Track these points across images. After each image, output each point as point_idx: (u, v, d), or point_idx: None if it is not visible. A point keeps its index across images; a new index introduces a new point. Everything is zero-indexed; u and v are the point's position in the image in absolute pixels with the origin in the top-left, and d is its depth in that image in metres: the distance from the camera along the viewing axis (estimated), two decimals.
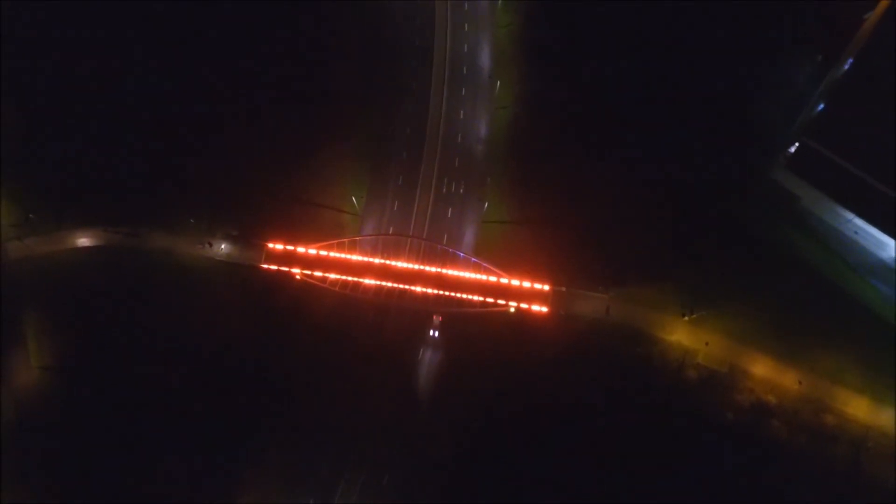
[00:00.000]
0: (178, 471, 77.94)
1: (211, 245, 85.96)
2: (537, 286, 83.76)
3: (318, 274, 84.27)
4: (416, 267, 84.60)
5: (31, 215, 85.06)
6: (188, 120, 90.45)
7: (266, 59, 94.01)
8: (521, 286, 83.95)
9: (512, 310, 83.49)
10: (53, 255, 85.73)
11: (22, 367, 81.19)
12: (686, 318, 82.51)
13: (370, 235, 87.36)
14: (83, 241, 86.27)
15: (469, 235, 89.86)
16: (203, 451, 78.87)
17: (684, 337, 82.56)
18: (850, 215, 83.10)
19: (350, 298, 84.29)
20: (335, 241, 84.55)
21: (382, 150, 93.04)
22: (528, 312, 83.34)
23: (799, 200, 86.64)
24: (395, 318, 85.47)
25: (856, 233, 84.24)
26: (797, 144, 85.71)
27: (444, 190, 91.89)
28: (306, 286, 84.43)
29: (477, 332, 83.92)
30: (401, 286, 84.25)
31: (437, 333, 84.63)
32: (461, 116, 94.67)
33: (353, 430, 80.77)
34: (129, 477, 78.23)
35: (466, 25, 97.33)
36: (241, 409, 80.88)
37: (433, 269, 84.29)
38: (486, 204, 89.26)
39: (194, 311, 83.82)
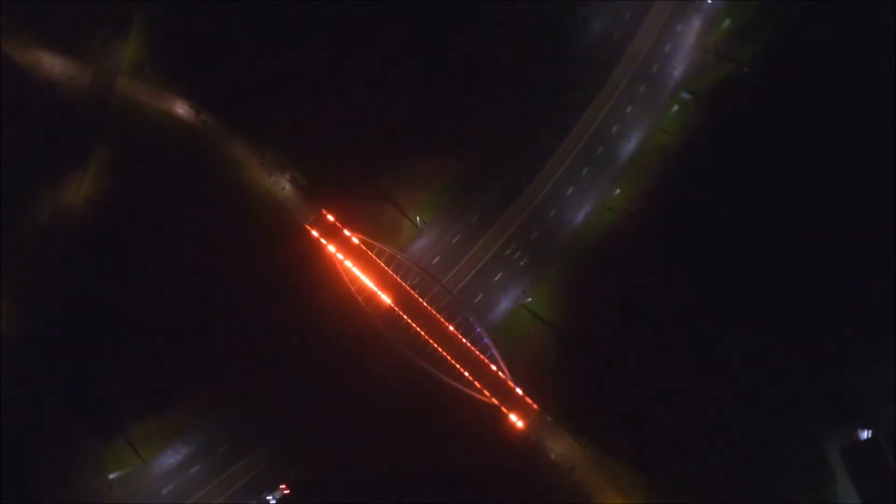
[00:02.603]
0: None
1: (274, 179, 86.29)
2: (528, 399, 79.66)
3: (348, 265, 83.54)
4: (433, 311, 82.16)
5: (146, 67, 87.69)
6: (330, 68, 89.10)
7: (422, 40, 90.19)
8: (513, 388, 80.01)
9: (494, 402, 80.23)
10: (147, 108, 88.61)
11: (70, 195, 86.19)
12: None
13: (409, 261, 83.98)
14: (177, 111, 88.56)
15: (500, 309, 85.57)
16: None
17: None
18: None
19: (359, 304, 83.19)
20: (378, 245, 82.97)
21: (478, 180, 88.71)
22: (501, 416, 79.64)
23: None
24: (385, 344, 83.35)
25: None
26: None
27: (506, 253, 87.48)
28: (328, 267, 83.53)
29: (442, 397, 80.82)
30: (408, 320, 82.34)
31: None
32: (567, 193, 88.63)
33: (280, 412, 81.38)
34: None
35: (616, 127, 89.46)
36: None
37: (445, 323, 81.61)
38: (530, 297, 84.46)
39: (222, 225, 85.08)
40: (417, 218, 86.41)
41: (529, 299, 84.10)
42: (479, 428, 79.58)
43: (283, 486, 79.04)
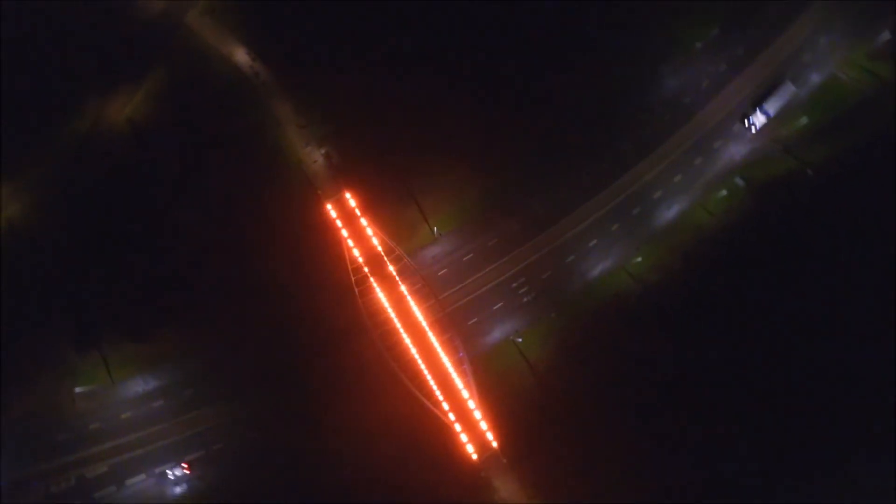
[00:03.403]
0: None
1: (309, 150, 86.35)
2: (489, 435, 78.87)
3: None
4: (423, 322, 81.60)
5: (217, 8, 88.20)
6: (399, 61, 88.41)
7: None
8: (478, 420, 79.20)
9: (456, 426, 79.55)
10: (208, 47, 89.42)
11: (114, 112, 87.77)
12: None
13: (414, 266, 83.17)
14: (236, 57, 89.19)
15: (490, 338, 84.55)
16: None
17: None
18: None
19: (353, 292, 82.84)
20: (390, 242, 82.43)
21: (508, 205, 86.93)
22: (457, 442, 78.89)
23: None
24: (366, 339, 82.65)
25: None
26: None
27: (514, 285, 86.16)
28: (334, 248, 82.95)
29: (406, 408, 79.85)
30: (397, 322, 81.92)
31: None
32: (590, 244, 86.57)
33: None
34: None
35: (659, 192, 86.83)
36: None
37: (431, 337, 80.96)
38: (520, 338, 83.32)
39: (247, 180, 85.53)
40: (435, 228, 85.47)
41: (520, 339, 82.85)
42: (432, 447, 78.76)
43: (184, 465, 79.56)
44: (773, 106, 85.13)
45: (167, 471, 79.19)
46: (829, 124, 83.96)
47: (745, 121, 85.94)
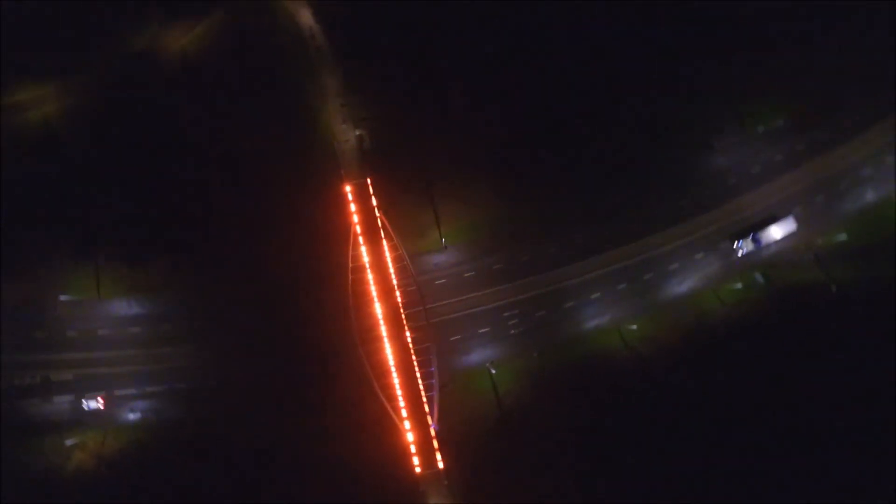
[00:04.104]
0: None
1: (345, 128, 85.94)
2: (438, 455, 78.70)
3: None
4: (405, 326, 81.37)
5: None
6: (471, 65, 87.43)
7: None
8: (432, 437, 79.06)
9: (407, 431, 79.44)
10: None
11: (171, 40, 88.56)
12: None
13: (412, 269, 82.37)
14: (301, 16, 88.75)
15: (468, 359, 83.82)
16: None
17: None
18: None
19: (346, 276, 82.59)
20: (396, 239, 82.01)
21: (523, 234, 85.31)
22: (406, 451, 78.50)
23: None
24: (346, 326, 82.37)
25: None
26: None
27: (505, 314, 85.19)
28: (341, 229, 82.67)
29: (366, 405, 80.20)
30: (381, 319, 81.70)
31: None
32: (592, 296, 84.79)
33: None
34: None
35: (677, 265, 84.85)
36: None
37: (410, 343, 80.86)
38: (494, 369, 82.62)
39: (276, 139, 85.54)
40: (443, 239, 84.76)
41: (494, 371, 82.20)
42: (380, 448, 79.07)
43: (100, 397, 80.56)
44: (767, 237, 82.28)
45: (83, 399, 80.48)
46: (867, 247, 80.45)
47: (735, 242, 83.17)
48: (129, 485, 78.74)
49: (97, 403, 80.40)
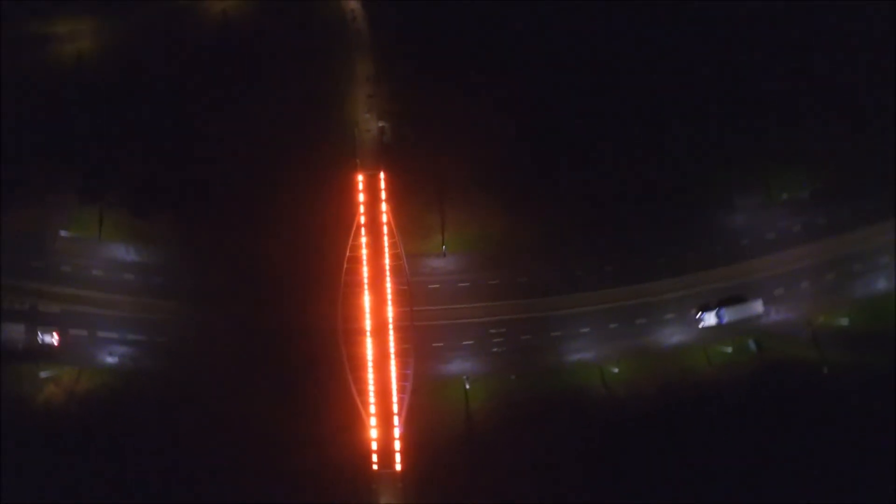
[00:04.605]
0: None
1: (368, 117, 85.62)
2: (397, 457, 78.86)
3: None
4: (389, 323, 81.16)
5: None
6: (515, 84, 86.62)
7: None
8: (394, 438, 79.15)
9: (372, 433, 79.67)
10: None
11: None
12: None
13: (407, 270, 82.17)
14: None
15: (446, 367, 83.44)
16: None
17: None
18: None
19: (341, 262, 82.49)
20: (398, 237, 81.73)
21: (526, 254, 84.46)
22: (367, 445, 78.80)
23: None
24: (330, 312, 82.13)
25: None
26: None
27: (491, 331, 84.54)
28: (345, 217, 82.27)
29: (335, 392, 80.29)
30: (366, 312, 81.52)
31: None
32: (581, 330, 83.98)
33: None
34: None
35: (672, 315, 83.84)
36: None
37: (391, 341, 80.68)
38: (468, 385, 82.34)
39: (298, 116, 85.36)
40: (444, 245, 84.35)
41: (468, 387, 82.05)
42: (339, 439, 79.14)
43: (56, 333, 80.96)
44: (729, 315, 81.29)
45: (38, 332, 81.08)
46: (868, 335, 78.89)
47: (700, 313, 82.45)
48: (93, 424, 79.80)
49: (51, 338, 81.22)
